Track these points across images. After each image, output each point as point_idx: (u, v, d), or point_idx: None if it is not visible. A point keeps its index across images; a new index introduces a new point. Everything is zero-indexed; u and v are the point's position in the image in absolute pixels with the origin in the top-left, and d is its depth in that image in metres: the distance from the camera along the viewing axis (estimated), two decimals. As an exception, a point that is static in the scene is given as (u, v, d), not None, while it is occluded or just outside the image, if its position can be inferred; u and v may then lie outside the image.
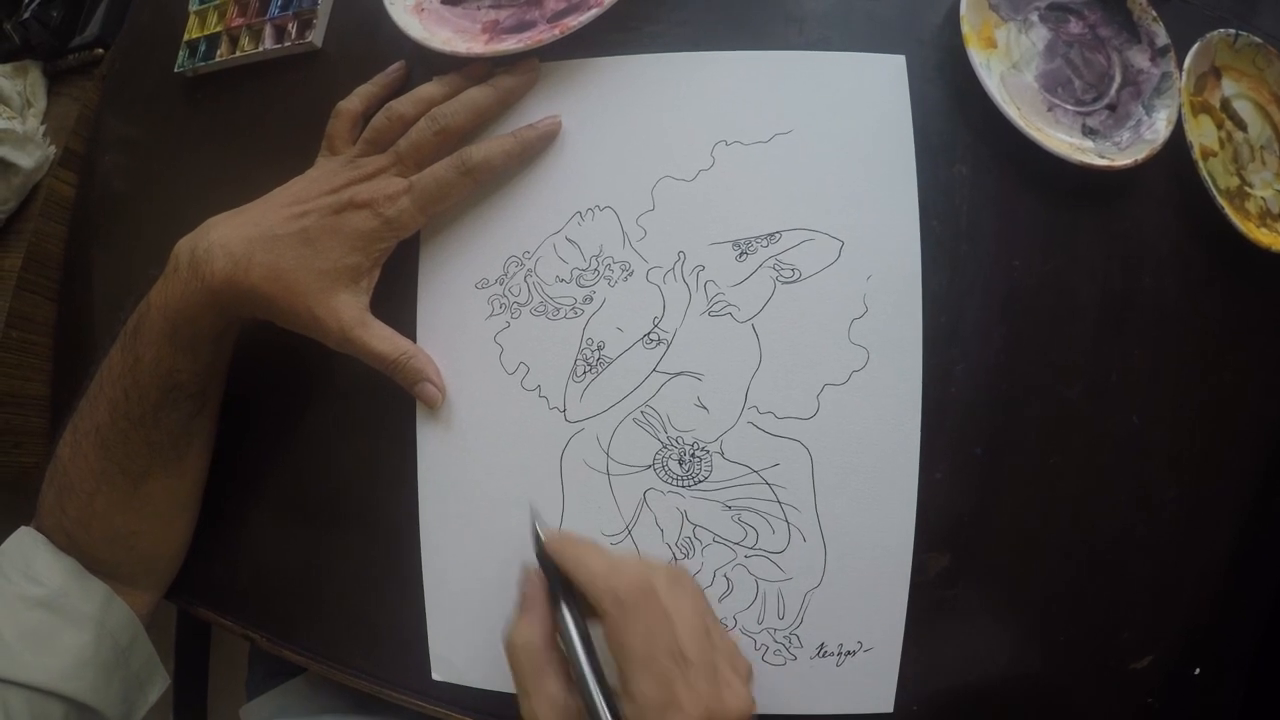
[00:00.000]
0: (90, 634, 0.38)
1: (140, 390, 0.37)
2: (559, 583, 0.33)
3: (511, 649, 0.32)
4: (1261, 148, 0.42)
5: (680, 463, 0.36)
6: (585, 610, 0.32)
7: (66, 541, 0.39)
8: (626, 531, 0.37)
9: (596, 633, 0.31)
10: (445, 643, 0.38)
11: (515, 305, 0.38)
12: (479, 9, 0.41)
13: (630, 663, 0.30)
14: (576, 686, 0.31)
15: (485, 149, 0.37)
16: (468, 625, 0.38)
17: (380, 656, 0.40)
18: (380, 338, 0.37)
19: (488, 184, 0.39)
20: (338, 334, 0.37)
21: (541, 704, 0.31)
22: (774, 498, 0.36)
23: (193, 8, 0.47)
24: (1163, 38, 0.39)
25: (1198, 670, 0.40)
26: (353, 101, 0.40)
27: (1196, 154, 0.39)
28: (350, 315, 0.37)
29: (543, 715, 0.31)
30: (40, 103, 0.55)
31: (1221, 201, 0.38)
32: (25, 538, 0.40)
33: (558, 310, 0.38)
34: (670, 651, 0.30)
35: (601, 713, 0.30)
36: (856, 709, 0.36)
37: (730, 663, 0.32)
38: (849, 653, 0.36)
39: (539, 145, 0.38)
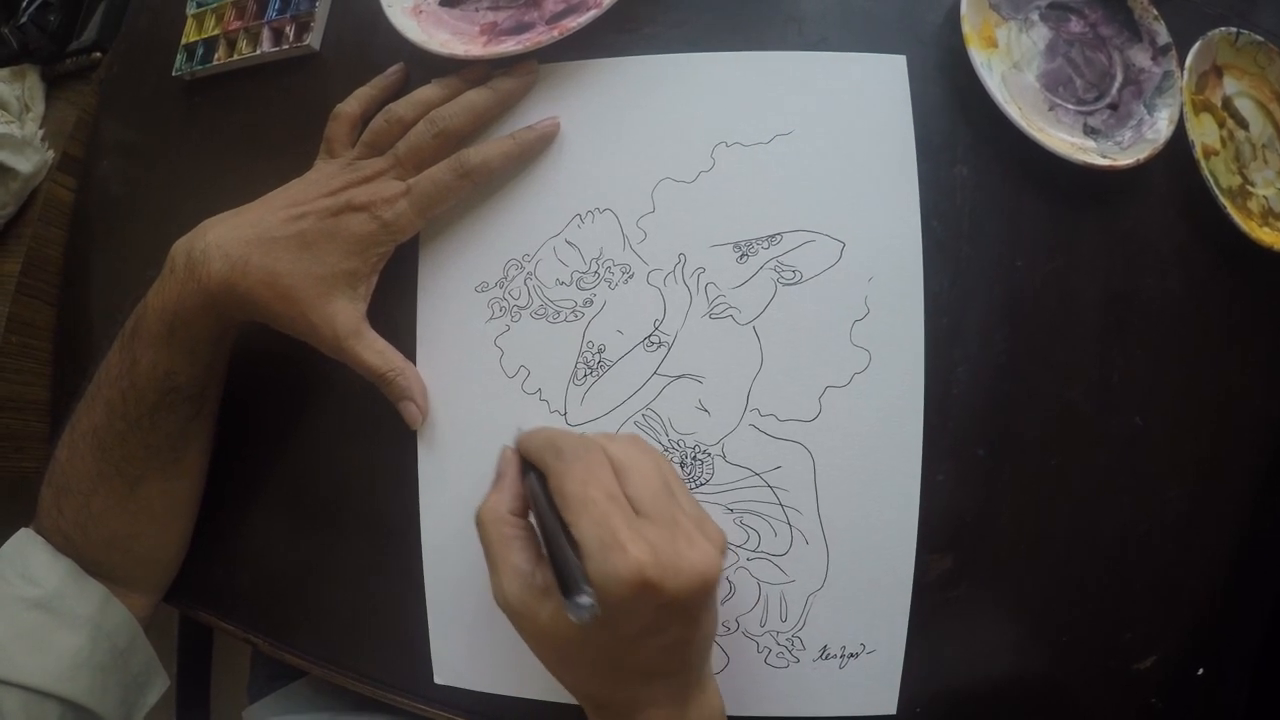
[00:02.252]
0: (86, 635, 0.38)
1: (137, 392, 0.37)
2: (529, 464, 0.32)
3: (480, 522, 0.32)
4: (1263, 146, 0.42)
5: (682, 466, 0.36)
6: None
7: (64, 543, 0.39)
8: (628, 535, 0.36)
9: None
10: (447, 646, 0.38)
11: (515, 308, 0.38)
12: (477, 11, 0.41)
13: (569, 508, 0.28)
14: (545, 550, 0.29)
15: (483, 151, 0.37)
16: (469, 628, 0.38)
17: (382, 660, 0.40)
18: (372, 350, 0.37)
19: (486, 186, 0.38)
20: (331, 342, 0.37)
21: (507, 575, 0.30)
22: (776, 500, 0.36)
23: (190, 11, 0.47)
24: (1164, 36, 0.39)
25: (1201, 670, 0.40)
26: (351, 104, 0.40)
27: (1198, 153, 0.39)
28: (345, 323, 0.36)
29: (508, 587, 0.30)
30: (38, 107, 0.55)
31: (1223, 201, 0.38)
32: (24, 539, 0.40)
33: (558, 313, 0.38)
34: (610, 494, 0.28)
35: (562, 554, 0.28)
36: (860, 711, 0.36)
37: (698, 524, 0.30)
38: (852, 655, 0.36)
39: (537, 146, 0.38)
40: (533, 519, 0.31)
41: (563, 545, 0.28)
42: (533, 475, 0.32)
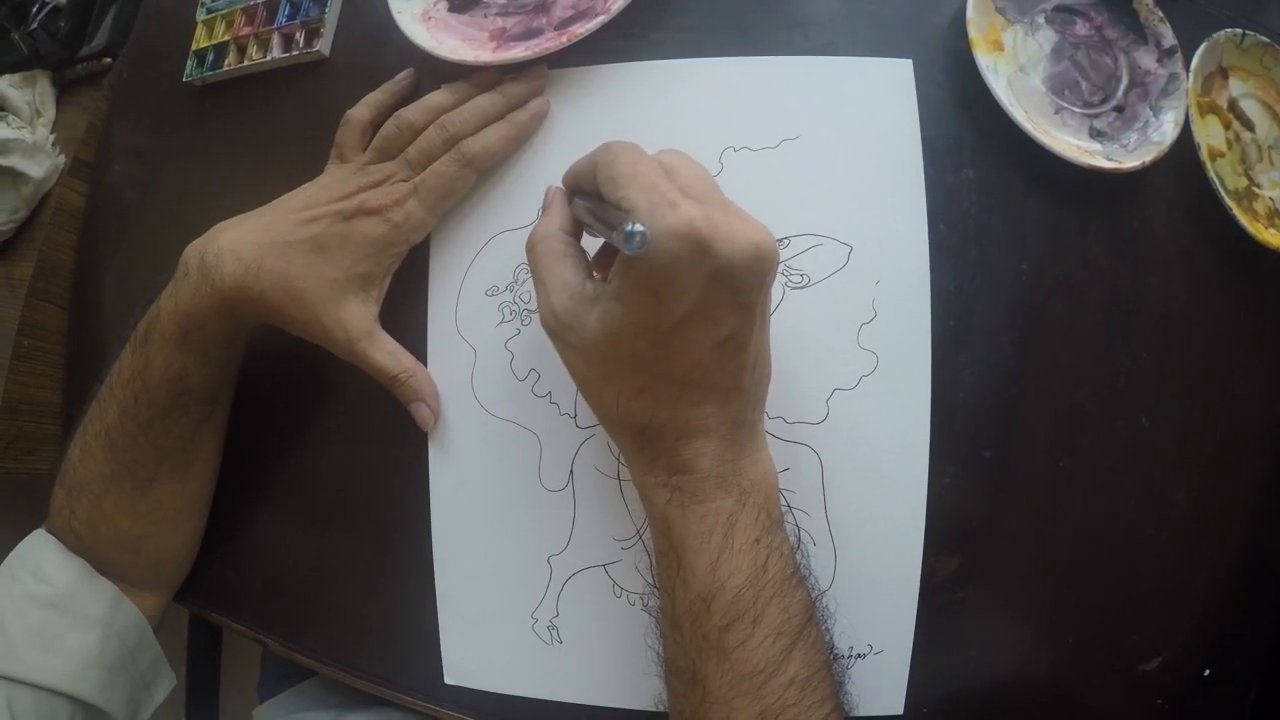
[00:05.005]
0: (97, 635, 0.38)
1: (150, 394, 0.37)
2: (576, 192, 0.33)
3: (532, 242, 0.32)
4: (1269, 148, 0.42)
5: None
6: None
7: (75, 542, 0.39)
8: (638, 536, 0.37)
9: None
10: (457, 646, 0.39)
11: (526, 312, 0.38)
12: (486, 16, 0.41)
13: (619, 185, 0.27)
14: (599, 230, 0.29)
15: (482, 138, 0.38)
16: (479, 628, 0.38)
17: (392, 659, 0.40)
18: (385, 353, 0.37)
19: (490, 174, 0.39)
20: (344, 344, 0.37)
21: (556, 289, 0.30)
22: (784, 502, 0.36)
23: (200, 17, 0.47)
24: (1169, 38, 0.39)
25: (1208, 672, 0.40)
26: (362, 110, 0.40)
27: (1204, 155, 0.39)
28: (357, 326, 0.37)
29: (556, 301, 0.30)
30: (49, 112, 0.55)
31: (1230, 203, 0.38)
32: (37, 539, 0.40)
33: (567, 316, 0.38)
34: (658, 170, 0.28)
35: (611, 217, 0.27)
36: (867, 711, 0.36)
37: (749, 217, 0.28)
38: (859, 655, 0.36)
39: (532, 125, 0.39)
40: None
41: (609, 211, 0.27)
42: (579, 198, 0.32)
